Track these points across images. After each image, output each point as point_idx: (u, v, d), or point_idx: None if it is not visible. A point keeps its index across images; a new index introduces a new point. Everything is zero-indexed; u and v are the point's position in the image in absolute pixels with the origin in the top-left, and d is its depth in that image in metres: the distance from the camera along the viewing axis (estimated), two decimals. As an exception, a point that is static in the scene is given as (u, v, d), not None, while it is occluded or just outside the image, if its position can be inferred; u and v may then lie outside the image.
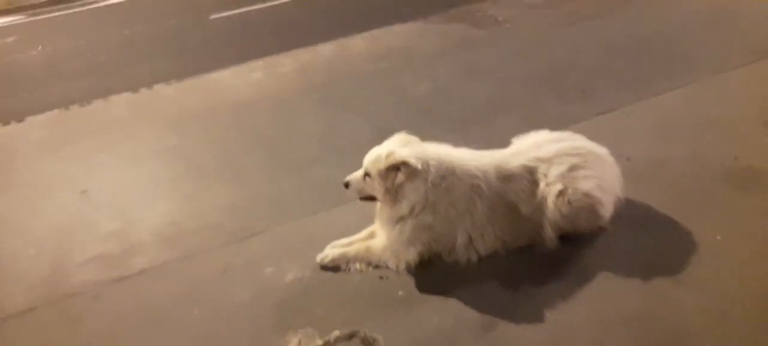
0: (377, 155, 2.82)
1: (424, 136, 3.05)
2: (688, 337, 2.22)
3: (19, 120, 6.35)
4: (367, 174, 2.85)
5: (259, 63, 7.26)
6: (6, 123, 6.29)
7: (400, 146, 2.83)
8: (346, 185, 2.92)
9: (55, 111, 6.52)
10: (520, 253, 2.85)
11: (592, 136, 3.15)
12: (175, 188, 4.26)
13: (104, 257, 3.46)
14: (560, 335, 2.32)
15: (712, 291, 2.41)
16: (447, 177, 2.77)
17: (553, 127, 3.24)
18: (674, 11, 6.39)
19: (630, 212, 2.98)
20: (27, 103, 6.89)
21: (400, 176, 2.73)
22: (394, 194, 2.78)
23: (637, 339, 2.24)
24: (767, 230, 2.72)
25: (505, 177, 2.83)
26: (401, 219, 2.82)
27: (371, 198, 2.94)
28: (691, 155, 3.43)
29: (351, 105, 5.35)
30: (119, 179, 4.55)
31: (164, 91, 6.81)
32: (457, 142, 3.11)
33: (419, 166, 2.70)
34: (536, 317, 2.44)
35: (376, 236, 3.04)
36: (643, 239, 2.81)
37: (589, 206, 2.76)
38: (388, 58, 6.53)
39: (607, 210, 2.84)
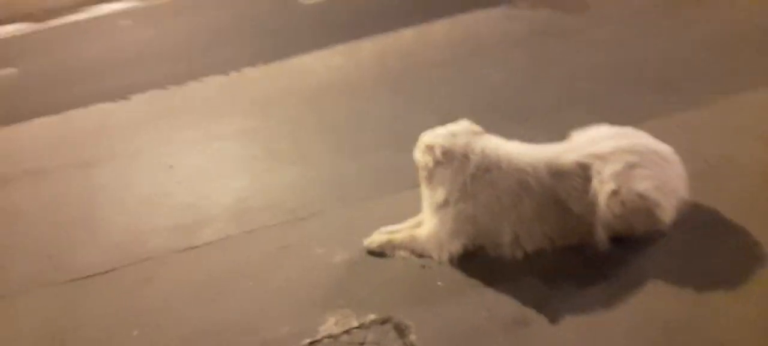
0: (430, 134, 2.88)
1: (490, 126, 3.03)
2: (729, 348, 2.05)
3: (125, 98, 6.99)
4: None
5: (341, 48, 7.43)
6: (113, 100, 6.96)
7: (452, 134, 2.85)
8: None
9: (156, 91, 7.11)
10: (568, 252, 2.76)
11: (669, 134, 2.96)
12: (248, 166, 4.53)
13: (178, 227, 3.77)
14: (593, 338, 2.24)
15: (764, 305, 2.20)
16: (492, 170, 2.73)
17: (629, 121, 3.07)
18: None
19: (695, 217, 2.77)
20: (134, 83, 7.56)
21: (429, 159, 2.76)
22: (428, 178, 2.81)
23: (680, 348, 2.11)
24: None
25: (557, 173, 2.74)
26: (441, 207, 2.83)
27: None
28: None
29: (423, 92, 5.36)
30: (201, 156, 4.91)
31: (251, 73, 7.18)
32: (522, 135, 3.05)
33: (440, 158, 2.73)
34: (572, 318, 2.37)
35: (422, 225, 3.07)
36: (703, 246, 2.61)
37: (645, 208, 2.60)
38: (467, 45, 6.44)
39: (666, 213, 2.66)
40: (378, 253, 3.05)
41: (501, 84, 5.16)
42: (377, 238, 3.09)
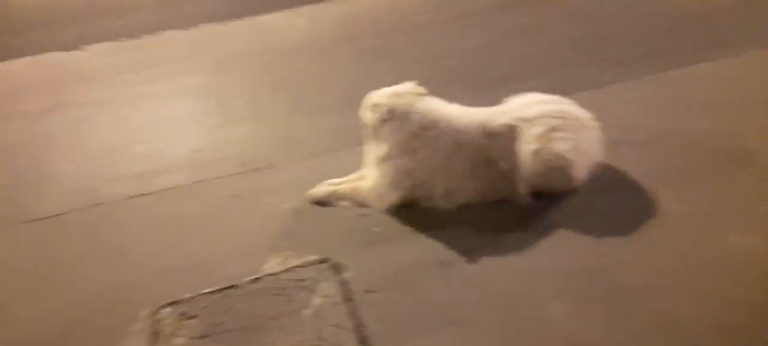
0: (376, 94, 3.09)
1: (449, 94, 3.24)
2: (630, 291, 2.35)
3: (77, 48, 6.90)
4: None
5: (306, 10, 7.46)
6: (66, 49, 6.87)
7: (396, 94, 3.07)
8: None
9: (111, 43, 7.04)
10: (494, 205, 3.02)
11: (601, 103, 3.25)
12: (203, 121, 4.64)
13: (132, 176, 3.88)
14: (508, 276, 2.52)
15: (659, 253, 2.52)
16: (431, 129, 2.96)
17: (570, 91, 3.33)
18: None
19: (607, 177, 3.07)
20: (86, 34, 7.45)
21: (374, 117, 2.98)
22: (374, 134, 3.03)
23: (578, 288, 2.40)
24: (729, 204, 2.76)
25: (489, 134, 2.99)
26: (382, 161, 3.06)
27: None
28: (684, 130, 3.43)
29: (385, 57, 5.52)
30: (158, 109, 4.98)
31: (212, 30, 7.18)
32: (476, 103, 3.26)
33: (385, 115, 2.97)
34: (492, 261, 2.64)
35: (366, 178, 3.28)
36: (609, 202, 2.91)
37: (561, 166, 2.88)
38: (437, 12, 6.58)
39: (579, 172, 2.95)
40: (322, 203, 3.26)
41: (461, 53, 5.37)
42: (322, 189, 3.29)
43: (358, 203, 3.20)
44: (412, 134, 2.95)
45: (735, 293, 2.26)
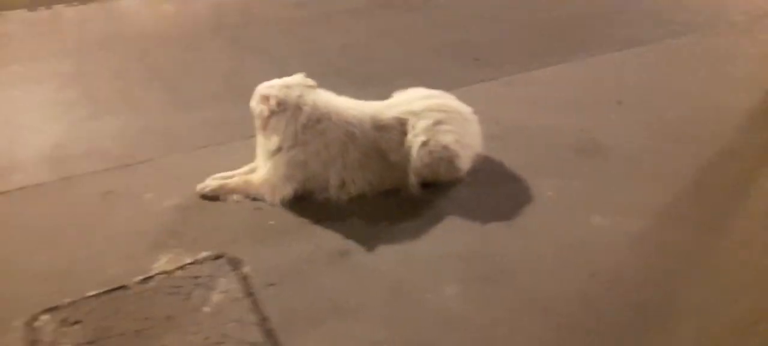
0: (265, 86, 3.04)
1: (326, 87, 3.24)
2: (508, 272, 2.61)
3: None
4: None
5: (173, -5, 7.08)
6: None
7: (286, 86, 3.04)
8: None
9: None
10: (386, 195, 3.15)
11: (473, 100, 3.47)
12: (65, 112, 4.21)
13: (-21, 171, 3.43)
14: (403, 263, 2.65)
15: (535, 237, 2.82)
16: (322, 121, 3.00)
17: (446, 88, 3.52)
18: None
19: (486, 168, 3.35)
20: None
21: (265, 110, 2.96)
22: (264, 126, 3.01)
23: (466, 271, 2.60)
24: (591, 190, 3.18)
25: (379, 127, 3.11)
26: (274, 154, 3.04)
27: None
28: (548, 125, 3.86)
29: (261, 49, 5.42)
30: (5, 97, 4.43)
31: (64, 12, 6.52)
32: (355, 97, 3.33)
33: (275, 107, 2.95)
34: (386, 249, 2.75)
35: (256, 171, 3.24)
36: (491, 191, 3.19)
37: (448, 157, 3.09)
38: (305, 8, 6.59)
39: (464, 163, 3.19)
40: (211, 197, 3.15)
41: (339, 48, 5.44)
42: (211, 183, 3.18)
43: (250, 196, 3.15)
44: (303, 126, 2.97)
45: (600, 268, 2.61)
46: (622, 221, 2.91)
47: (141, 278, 2.59)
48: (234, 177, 3.23)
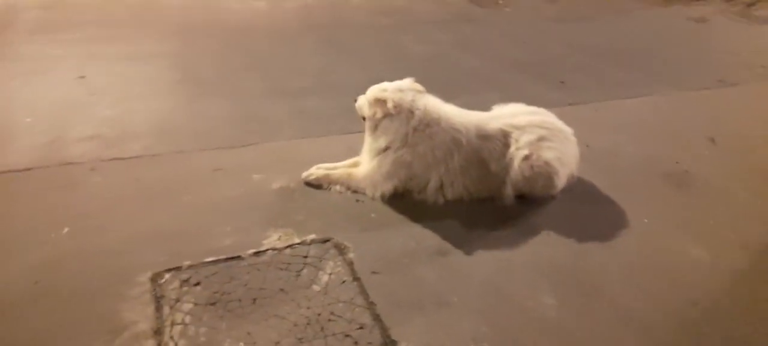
0: (378, 87, 3.18)
1: None
2: (606, 289, 2.64)
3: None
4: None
5: (265, -8, 7.41)
6: (5, -2, 6.32)
7: (399, 89, 3.17)
8: (356, 100, 3.30)
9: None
10: (481, 203, 3.23)
11: (564, 122, 3.53)
12: (172, 90, 4.49)
13: (101, 137, 3.70)
14: (501, 270, 2.73)
15: (632, 259, 2.85)
16: (432, 125, 3.12)
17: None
18: (656, 29, 6.84)
19: (579, 188, 3.40)
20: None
21: (378, 112, 3.09)
22: (374, 125, 3.14)
23: (564, 284, 2.65)
24: (688, 220, 3.18)
25: (483, 136, 3.20)
26: (381, 152, 3.17)
27: None
28: (640, 153, 3.87)
29: (349, 51, 5.63)
30: (117, 72, 4.75)
31: (164, 0, 6.91)
32: None
33: (392, 110, 3.07)
34: (483, 254, 2.83)
35: (360, 166, 3.38)
36: (583, 211, 3.23)
37: (547, 173, 3.16)
38: (390, 16, 6.80)
39: (561, 181, 3.25)
40: (315, 185, 3.31)
41: (422, 56, 5.59)
42: (315, 172, 3.34)
43: (351, 189, 3.29)
44: (414, 129, 3.09)
45: (700, 297, 2.61)
46: (722, 254, 2.91)
47: (253, 251, 2.76)
48: (337, 168, 3.39)
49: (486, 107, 3.50)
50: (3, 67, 4.66)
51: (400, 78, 3.44)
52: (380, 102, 3.11)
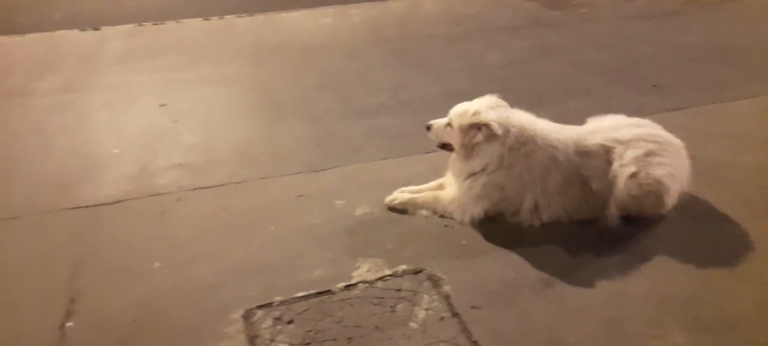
0: (464, 110, 2.98)
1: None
2: (741, 324, 2.34)
3: (96, 28, 6.67)
4: (449, 124, 3.01)
5: (329, 10, 7.42)
6: (82, 29, 6.62)
7: (488, 108, 2.97)
8: (428, 128, 3.11)
9: (130, 26, 6.82)
10: (581, 225, 2.98)
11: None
12: (251, 113, 4.50)
13: (187, 165, 3.72)
14: (616, 302, 2.47)
15: (761, 285, 2.51)
16: (527, 144, 2.90)
17: (629, 115, 3.30)
18: (753, 23, 6.27)
19: (692, 206, 3.07)
20: (102, 14, 7.20)
21: (479, 136, 2.89)
22: (470, 150, 2.95)
23: (692, 319, 2.36)
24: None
25: (583, 152, 2.95)
26: (473, 175, 2.98)
27: (447, 147, 3.11)
28: (757, 164, 3.48)
29: (422, 63, 5.48)
30: (197, 97, 4.81)
31: (235, 22, 7.04)
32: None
33: (500, 132, 2.85)
34: (592, 283, 2.59)
35: (445, 188, 3.21)
36: (701, 232, 2.91)
37: (658, 192, 2.87)
38: (461, 24, 6.60)
39: (672, 199, 2.94)
40: (400, 210, 3.17)
41: (499, 65, 5.36)
42: (400, 196, 3.20)
43: (438, 213, 3.12)
44: (510, 148, 2.88)
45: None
46: None
47: (344, 284, 2.63)
48: (422, 192, 3.23)
49: (574, 118, 3.25)
50: (90, 97, 4.83)
51: (477, 89, 3.24)
52: (480, 126, 2.90)
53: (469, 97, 3.21)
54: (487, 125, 2.85)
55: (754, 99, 4.45)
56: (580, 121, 3.23)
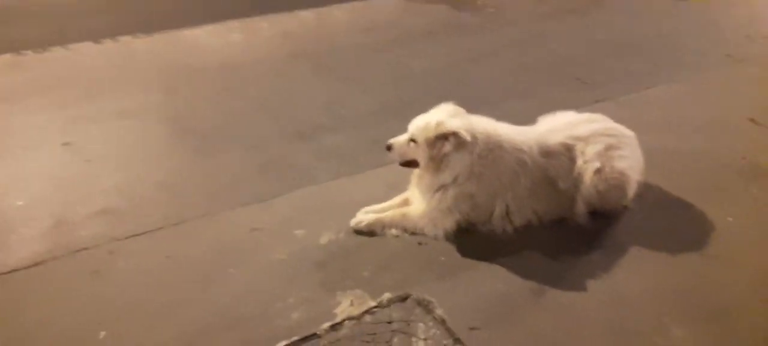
0: (426, 123, 2.84)
1: None
2: (730, 309, 2.40)
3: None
4: (412, 140, 2.86)
5: (235, 24, 7.00)
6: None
7: (448, 117, 2.86)
8: (389, 148, 2.93)
9: (7, 55, 5.98)
10: (551, 226, 2.97)
11: None
12: (174, 146, 4.06)
13: (111, 211, 3.25)
14: (610, 302, 2.46)
15: (739, 268, 2.63)
16: (494, 150, 2.83)
17: (558, 111, 3.36)
18: (653, 18, 6.78)
19: (648, 195, 3.18)
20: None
21: (448, 146, 2.77)
22: (438, 163, 2.82)
23: (685, 309, 2.40)
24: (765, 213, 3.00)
25: (547, 153, 2.94)
26: (442, 187, 2.86)
27: (411, 164, 2.96)
28: (696, 148, 3.70)
29: (349, 76, 5.28)
30: (106, 133, 4.27)
31: (134, 44, 6.41)
32: None
33: (469, 139, 2.75)
34: (583, 286, 2.56)
35: (412, 203, 3.06)
36: (663, 219, 3.02)
37: (623, 184, 2.92)
38: (376, 33, 6.49)
39: (633, 190, 3.02)
40: (367, 233, 2.97)
41: (427, 72, 5.30)
42: (365, 218, 3.00)
43: (408, 230, 2.97)
44: (479, 156, 2.79)
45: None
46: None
47: (329, 324, 2.40)
48: (387, 210, 3.05)
49: (517, 120, 3.22)
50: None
51: (414, 99, 3.14)
52: (447, 136, 2.77)
53: (409, 108, 3.09)
54: (454, 134, 2.75)
55: (663, 86, 4.76)
56: (523, 122, 3.21)
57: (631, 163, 2.96)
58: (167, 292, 2.63)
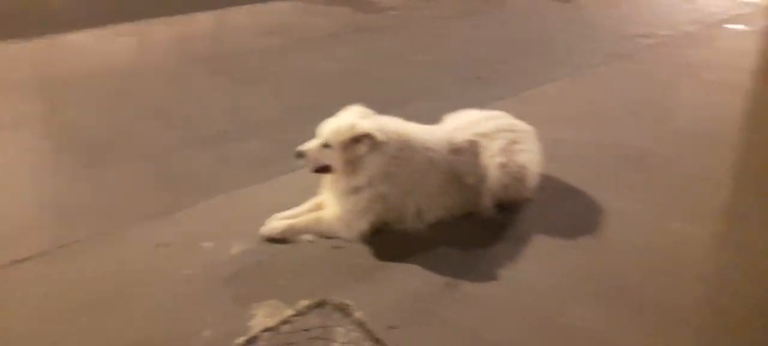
0: (338, 126, 2.82)
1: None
2: (628, 286, 2.59)
3: None
4: (326, 145, 2.82)
5: (126, 28, 6.61)
6: None
7: (358, 118, 2.86)
8: (301, 155, 2.86)
9: None
10: (460, 221, 3.05)
11: None
12: (59, 160, 3.73)
13: (-9, 238, 2.92)
14: (519, 289, 2.56)
15: (628, 249, 2.84)
16: (405, 149, 2.86)
17: (462, 109, 3.49)
18: (539, 20, 7.22)
19: (547, 185, 3.36)
20: None
21: (362, 148, 2.77)
22: (353, 165, 2.80)
23: (587, 290, 2.54)
24: (656, 197, 3.29)
25: (454, 150, 3.01)
26: (357, 189, 2.85)
27: (325, 169, 2.92)
28: (583, 140, 3.97)
29: (252, 80, 5.14)
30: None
31: (8, 50, 5.84)
32: None
33: (383, 139, 2.76)
34: (493, 275, 2.65)
35: (325, 207, 3.02)
36: (562, 208, 3.20)
37: (524, 177, 3.07)
38: (279, 35, 6.37)
39: (534, 182, 3.18)
40: (279, 240, 2.89)
41: (334, 74, 5.28)
42: (277, 224, 2.92)
43: (322, 234, 2.93)
44: (392, 156, 2.81)
45: (706, 272, 2.65)
46: (701, 224, 3.00)
47: (244, 339, 2.30)
48: (300, 216, 2.99)
49: (424, 119, 3.30)
50: None
51: (318, 101, 3.12)
52: (361, 138, 2.76)
53: (316, 111, 3.06)
54: (368, 135, 2.74)
55: (555, 82, 5.08)
56: (429, 121, 3.27)
57: (531, 156, 3.12)
58: (63, 322, 2.39)
